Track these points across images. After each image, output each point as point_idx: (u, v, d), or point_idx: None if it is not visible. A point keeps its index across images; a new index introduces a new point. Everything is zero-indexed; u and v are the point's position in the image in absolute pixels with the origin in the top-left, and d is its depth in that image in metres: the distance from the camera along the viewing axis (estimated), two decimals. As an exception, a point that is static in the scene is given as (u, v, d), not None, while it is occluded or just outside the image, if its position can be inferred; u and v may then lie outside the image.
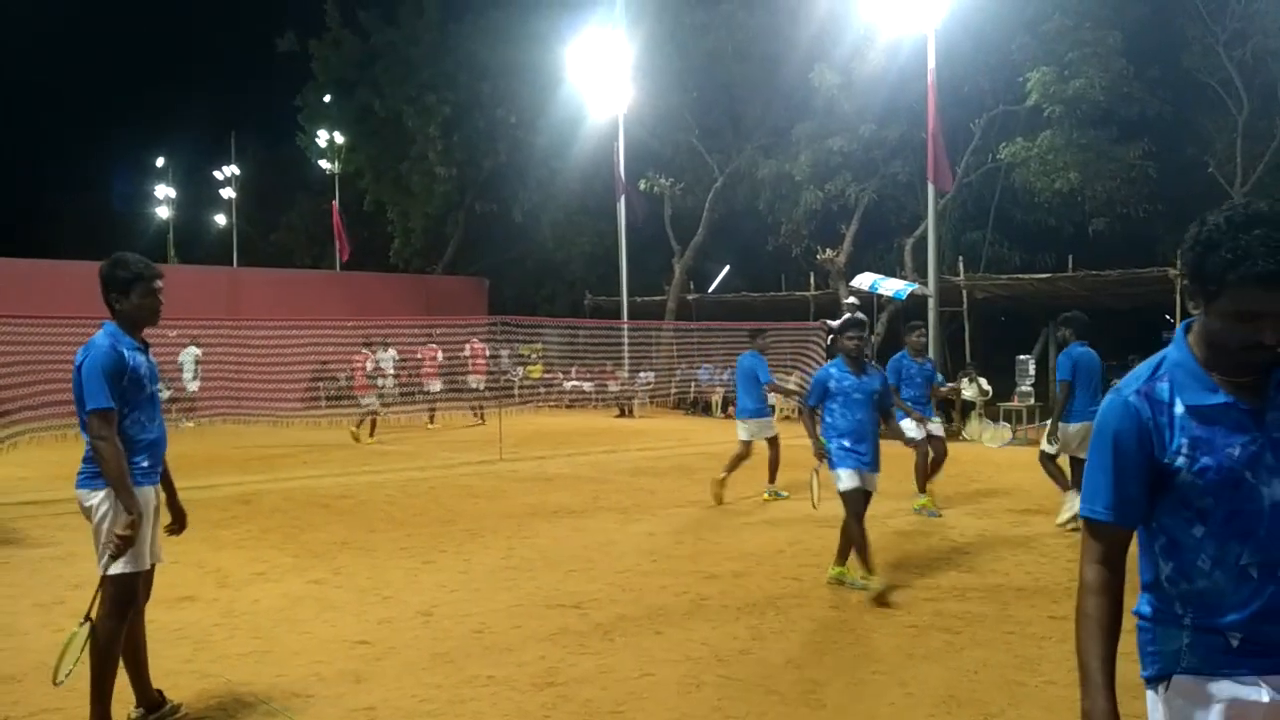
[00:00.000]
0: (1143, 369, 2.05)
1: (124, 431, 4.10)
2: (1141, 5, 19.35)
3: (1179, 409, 1.96)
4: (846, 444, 6.74)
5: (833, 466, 6.81)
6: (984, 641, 5.61)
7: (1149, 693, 2.07)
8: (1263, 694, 1.93)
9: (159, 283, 4.25)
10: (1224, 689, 1.95)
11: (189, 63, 59.88)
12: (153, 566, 4.40)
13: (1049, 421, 9.04)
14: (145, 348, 4.26)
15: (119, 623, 4.15)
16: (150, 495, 4.27)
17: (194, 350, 19.22)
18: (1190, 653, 1.99)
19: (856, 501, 6.71)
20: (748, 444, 10.90)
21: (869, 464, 6.76)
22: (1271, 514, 1.92)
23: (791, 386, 21.54)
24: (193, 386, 19.18)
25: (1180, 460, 1.94)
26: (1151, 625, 2.06)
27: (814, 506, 7.66)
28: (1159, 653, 2.04)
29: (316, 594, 6.74)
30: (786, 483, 10.84)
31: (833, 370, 6.92)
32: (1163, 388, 1.98)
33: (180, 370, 19.26)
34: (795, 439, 11.65)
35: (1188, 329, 2.04)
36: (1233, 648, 1.95)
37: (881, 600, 6.35)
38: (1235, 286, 1.84)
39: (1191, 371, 1.97)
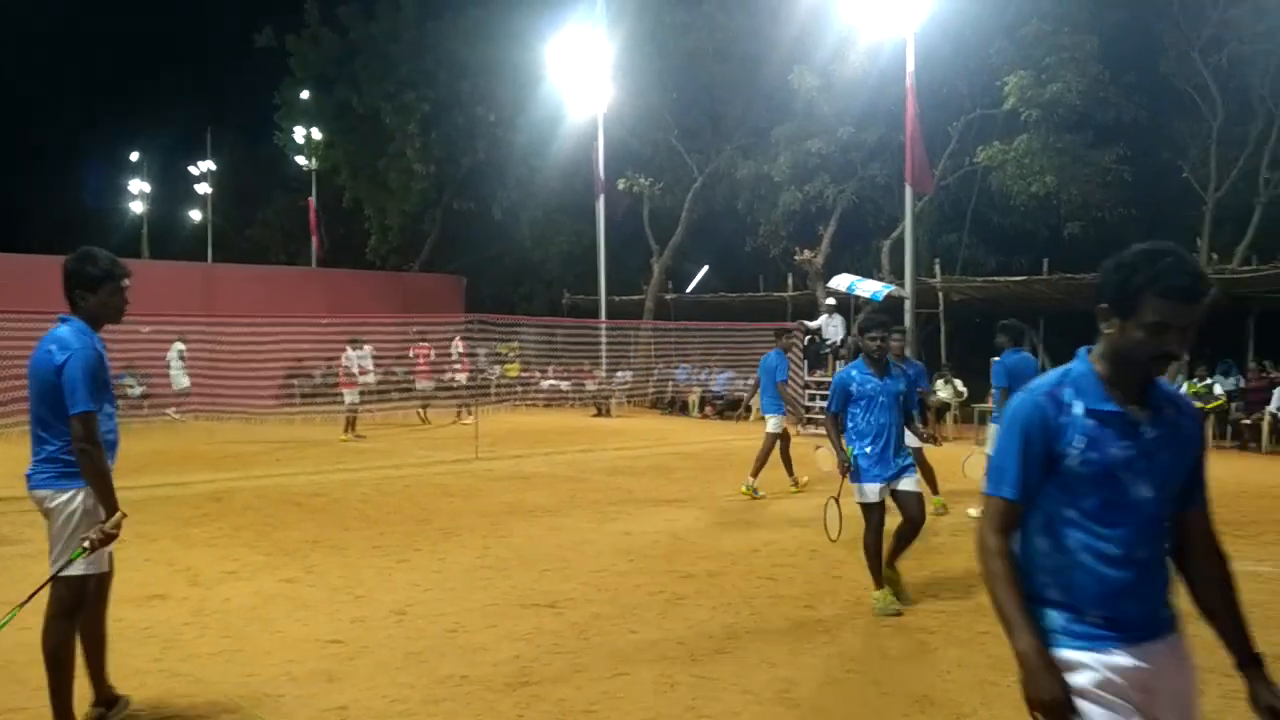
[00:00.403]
0: (1051, 376, 2.41)
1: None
2: (1119, 11, 19.49)
3: (1078, 410, 2.32)
4: (869, 450, 6.32)
5: (855, 478, 6.41)
6: (958, 641, 5.63)
7: None
8: (1127, 659, 2.27)
9: (126, 282, 4.16)
10: (1092, 659, 2.27)
11: (165, 57, 59.22)
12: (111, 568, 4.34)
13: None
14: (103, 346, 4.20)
15: (70, 624, 4.08)
16: None
17: (179, 346, 19.11)
18: (1060, 629, 2.31)
19: (876, 517, 6.34)
20: (784, 435, 11.11)
21: (895, 474, 6.32)
22: (1135, 509, 2.31)
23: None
24: (184, 382, 19.05)
25: (1072, 452, 2.30)
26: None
27: (832, 540, 7.19)
28: None
29: (288, 593, 6.68)
30: (765, 481, 10.85)
31: (853, 373, 6.52)
32: (1068, 392, 2.35)
33: (168, 367, 19.14)
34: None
35: (1088, 352, 2.41)
36: (1096, 623, 2.29)
37: (891, 612, 6.17)
38: (1154, 298, 2.21)
39: (1091, 382, 2.35)
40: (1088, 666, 2.27)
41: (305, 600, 6.49)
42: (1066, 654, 2.28)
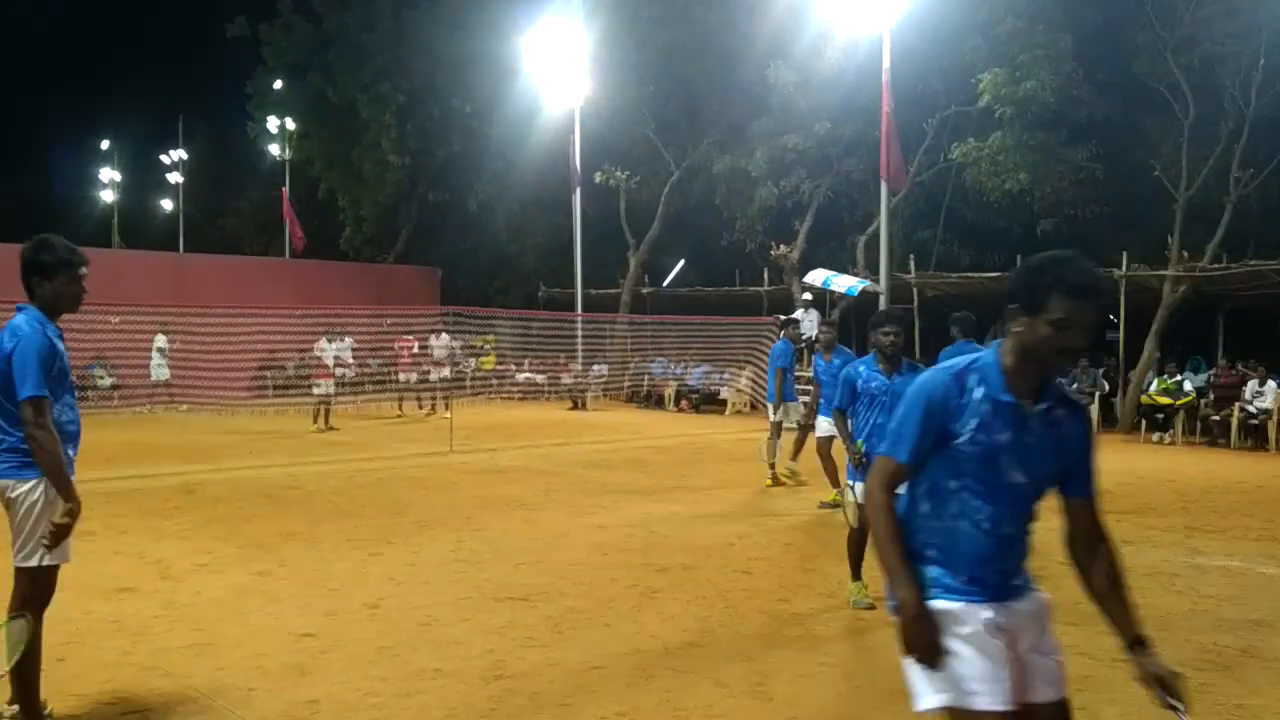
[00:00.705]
0: (962, 360, 2.67)
1: (54, 421, 3.97)
2: (1092, 9, 19.56)
3: (977, 395, 2.59)
4: (865, 450, 6.10)
5: (850, 475, 6.26)
6: (930, 635, 5.66)
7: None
8: (987, 612, 2.58)
9: (84, 270, 4.09)
10: (962, 609, 2.58)
11: (136, 44, 58.52)
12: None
13: None
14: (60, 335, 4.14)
15: (37, 614, 4.03)
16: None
17: (160, 338, 18.95)
18: (935, 582, 2.62)
19: (861, 517, 6.11)
20: (777, 425, 11.19)
21: None
22: (1006, 490, 2.60)
23: (743, 384, 21.71)
24: (164, 374, 18.90)
25: (964, 432, 2.57)
26: None
27: (852, 526, 7.22)
28: None
29: (261, 586, 6.63)
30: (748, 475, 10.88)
31: (861, 369, 6.31)
32: (972, 379, 2.61)
33: (151, 359, 18.99)
34: (749, 431, 11.71)
35: (999, 346, 2.65)
36: (961, 580, 2.60)
37: (865, 605, 6.15)
38: (1059, 297, 2.47)
39: (995, 373, 2.60)
40: (959, 615, 2.57)
41: (277, 593, 6.44)
42: (941, 604, 2.59)
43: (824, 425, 9.63)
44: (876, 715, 4.55)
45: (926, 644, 2.54)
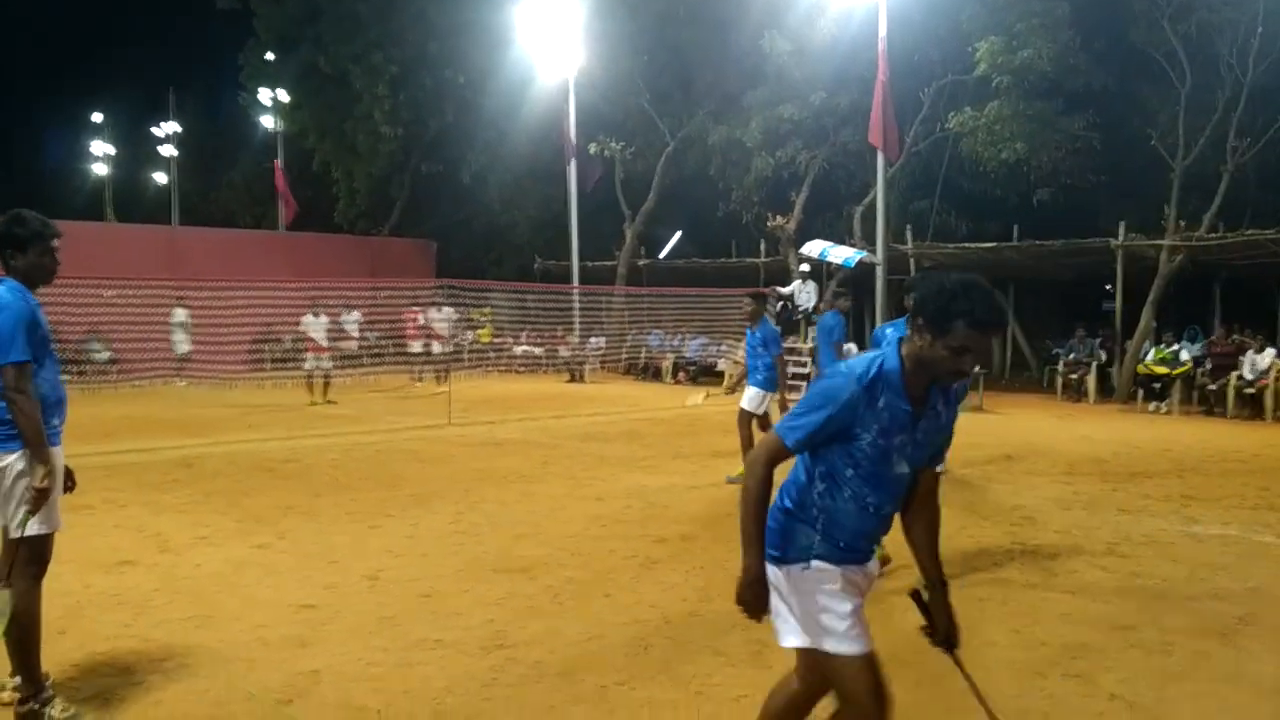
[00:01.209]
0: (872, 367, 2.86)
1: (36, 390, 3.97)
2: (1089, -24, 19.45)
3: (881, 404, 2.85)
4: None
5: None
6: (928, 604, 5.68)
7: (773, 568, 3.03)
8: (857, 572, 3.03)
9: (56, 242, 4.13)
10: (834, 570, 2.97)
11: (127, 16, 57.98)
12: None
13: None
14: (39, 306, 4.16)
15: (34, 584, 4.04)
16: (59, 455, 4.15)
17: (180, 312, 18.90)
18: (819, 547, 2.97)
19: None
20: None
21: None
22: (893, 480, 2.95)
23: (739, 357, 21.69)
24: (184, 349, 18.87)
25: (865, 434, 2.86)
26: (791, 521, 3.02)
27: None
28: (794, 543, 3.00)
29: (260, 559, 6.65)
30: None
31: (889, 331, 6.26)
32: (879, 387, 2.84)
33: (171, 333, 18.94)
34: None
35: (901, 343, 2.90)
36: (841, 548, 2.98)
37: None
38: (963, 328, 2.71)
39: (896, 381, 2.86)
40: (835, 575, 2.97)
41: (277, 566, 6.46)
42: (819, 564, 2.97)
43: (748, 396, 9.56)
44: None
45: (754, 603, 3.02)
